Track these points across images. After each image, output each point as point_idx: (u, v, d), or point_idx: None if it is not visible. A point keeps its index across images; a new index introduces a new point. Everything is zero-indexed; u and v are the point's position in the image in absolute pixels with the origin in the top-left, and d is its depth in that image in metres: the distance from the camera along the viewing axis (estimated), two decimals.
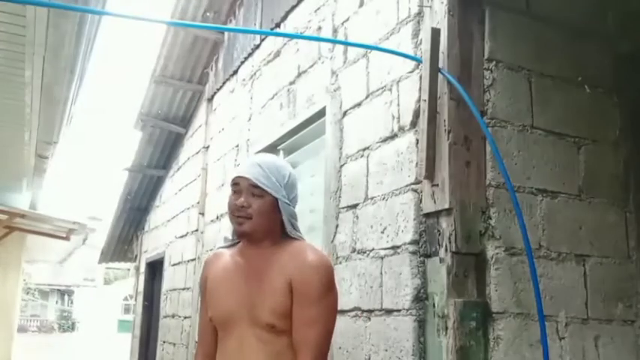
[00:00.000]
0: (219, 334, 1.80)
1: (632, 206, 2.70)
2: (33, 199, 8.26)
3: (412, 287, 2.39)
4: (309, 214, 3.51)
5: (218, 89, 5.94)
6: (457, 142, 2.34)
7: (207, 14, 5.82)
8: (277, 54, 4.30)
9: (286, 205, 1.79)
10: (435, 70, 2.40)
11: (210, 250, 5.36)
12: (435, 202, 2.36)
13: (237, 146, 4.97)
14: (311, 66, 3.66)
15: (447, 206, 2.29)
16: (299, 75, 3.83)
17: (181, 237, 6.65)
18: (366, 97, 2.95)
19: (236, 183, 1.78)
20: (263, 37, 4.66)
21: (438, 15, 2.48)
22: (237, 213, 1.75)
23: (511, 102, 2.50)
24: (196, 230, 5.98)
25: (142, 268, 9.03)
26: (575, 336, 2.43)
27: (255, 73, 4.77)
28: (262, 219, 1.75)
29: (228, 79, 5.59)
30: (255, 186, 1.74)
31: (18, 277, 9.50)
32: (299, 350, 1.68)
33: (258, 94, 4.62)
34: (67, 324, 36.89)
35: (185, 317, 6.10)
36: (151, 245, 8.62)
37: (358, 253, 2.84)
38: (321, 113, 3.44)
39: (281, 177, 1.78)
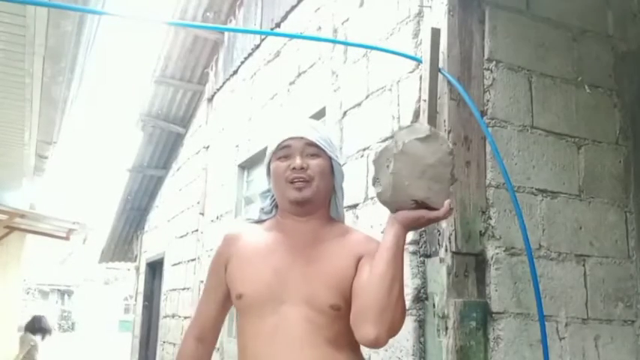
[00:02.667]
0: (250, 315, 1.56)
1: (632, 206, 2.69)
2: (33, 199, 8.26)
3: (412, 287, 2.39)
4: None
5: (218, 89, 5.94)
6: (457, 142, 2.34)
7: (207, 14, 5.83)
8: (277, 54, 4.30)
9: (339, 167, 1.66)
10: (435, 70, 2.40)
11: (211, 250, 5.36)
12: None
13: (237, 146, 4.97)
14: (311, 66, 3.66)
15: None
16: (299, 75, 3.83)
17: (181, 237, 6.65)
18: (366, 97, 2.95)
19: (286, 146, 1.59)
20: (263, 37, 4.66)
21: (438, 15, 2.48)
22: (294, 176, 1.56)
23: (511, 102, 2.50)
24: (196, 230, 5.98)
25: (142, 268, 9.03)
26: (575, 336, 2.43)
27: (255, 73, 4.77)
28: (323, 181, 1.59)
29: (228, 79, 5.59)
30: (312, 145, 1.58)
31: (18, 277, 9.49)
32: None
33: (258, 94, 4.62)
34: (67, 324, 36.88)
35: (185, 317, 6.10)
36: (151, 245, 8.62)
37: None
38: (321, 113, 3.44)
39: (330, 137, 1.67)
